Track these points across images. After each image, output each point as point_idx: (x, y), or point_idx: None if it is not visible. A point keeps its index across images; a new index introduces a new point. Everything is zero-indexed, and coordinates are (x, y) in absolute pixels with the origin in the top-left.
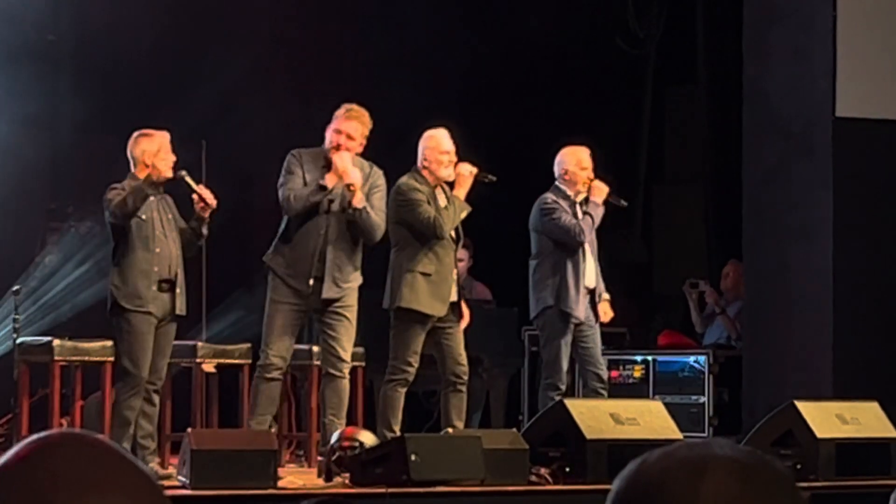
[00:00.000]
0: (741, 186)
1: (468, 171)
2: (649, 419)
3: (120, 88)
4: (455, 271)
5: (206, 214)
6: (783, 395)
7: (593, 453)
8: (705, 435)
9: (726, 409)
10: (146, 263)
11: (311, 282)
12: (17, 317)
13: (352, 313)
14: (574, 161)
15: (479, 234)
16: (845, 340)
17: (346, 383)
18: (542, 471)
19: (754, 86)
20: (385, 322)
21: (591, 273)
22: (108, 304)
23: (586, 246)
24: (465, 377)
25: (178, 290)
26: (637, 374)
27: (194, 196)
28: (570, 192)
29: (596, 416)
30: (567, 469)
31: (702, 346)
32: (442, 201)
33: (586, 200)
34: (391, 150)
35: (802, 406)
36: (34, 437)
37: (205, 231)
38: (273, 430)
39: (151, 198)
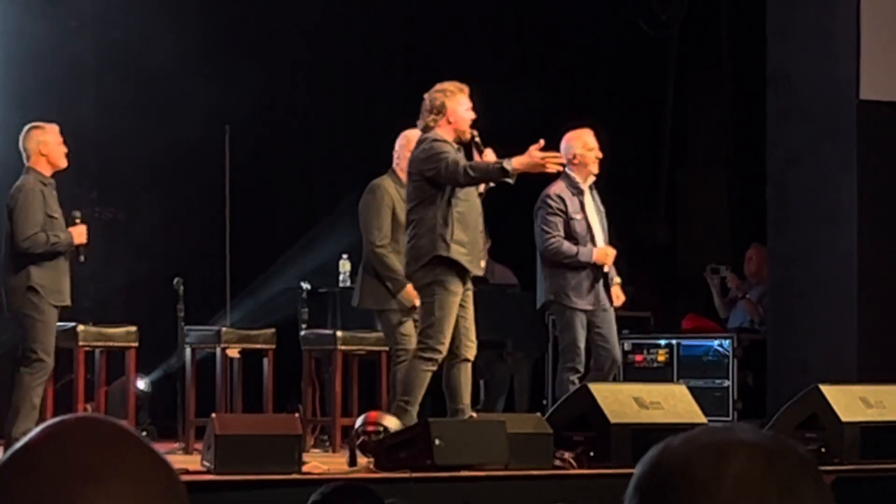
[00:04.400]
0: (765, 170)
1: None
2: (673, 403)
3: (143, 74)
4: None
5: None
6: (807, 378)
7: (617, 437)
8: (730, 419)
9: (751, 393)
10: (64, 259)
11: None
12: None
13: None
14: (580, 144)
15: (502, 217)
16: (870, 324)
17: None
18: (567, 455)
19: (778, 69)
20: None
21: None
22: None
23: (596, 233)
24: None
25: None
26: (661, 359)
27: None
28: (578, 178)
29: (620, 401)
30: (591, 453)
31: (726, 330)
32: None
33: (595, 185)
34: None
35: (827, 389)
36: (50, 421)
37: None
38: (297, 414)
39: (51, 192)
